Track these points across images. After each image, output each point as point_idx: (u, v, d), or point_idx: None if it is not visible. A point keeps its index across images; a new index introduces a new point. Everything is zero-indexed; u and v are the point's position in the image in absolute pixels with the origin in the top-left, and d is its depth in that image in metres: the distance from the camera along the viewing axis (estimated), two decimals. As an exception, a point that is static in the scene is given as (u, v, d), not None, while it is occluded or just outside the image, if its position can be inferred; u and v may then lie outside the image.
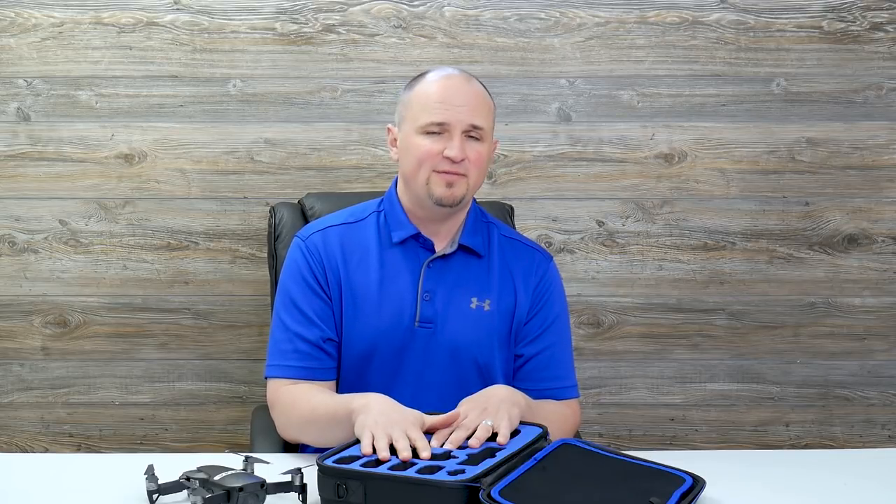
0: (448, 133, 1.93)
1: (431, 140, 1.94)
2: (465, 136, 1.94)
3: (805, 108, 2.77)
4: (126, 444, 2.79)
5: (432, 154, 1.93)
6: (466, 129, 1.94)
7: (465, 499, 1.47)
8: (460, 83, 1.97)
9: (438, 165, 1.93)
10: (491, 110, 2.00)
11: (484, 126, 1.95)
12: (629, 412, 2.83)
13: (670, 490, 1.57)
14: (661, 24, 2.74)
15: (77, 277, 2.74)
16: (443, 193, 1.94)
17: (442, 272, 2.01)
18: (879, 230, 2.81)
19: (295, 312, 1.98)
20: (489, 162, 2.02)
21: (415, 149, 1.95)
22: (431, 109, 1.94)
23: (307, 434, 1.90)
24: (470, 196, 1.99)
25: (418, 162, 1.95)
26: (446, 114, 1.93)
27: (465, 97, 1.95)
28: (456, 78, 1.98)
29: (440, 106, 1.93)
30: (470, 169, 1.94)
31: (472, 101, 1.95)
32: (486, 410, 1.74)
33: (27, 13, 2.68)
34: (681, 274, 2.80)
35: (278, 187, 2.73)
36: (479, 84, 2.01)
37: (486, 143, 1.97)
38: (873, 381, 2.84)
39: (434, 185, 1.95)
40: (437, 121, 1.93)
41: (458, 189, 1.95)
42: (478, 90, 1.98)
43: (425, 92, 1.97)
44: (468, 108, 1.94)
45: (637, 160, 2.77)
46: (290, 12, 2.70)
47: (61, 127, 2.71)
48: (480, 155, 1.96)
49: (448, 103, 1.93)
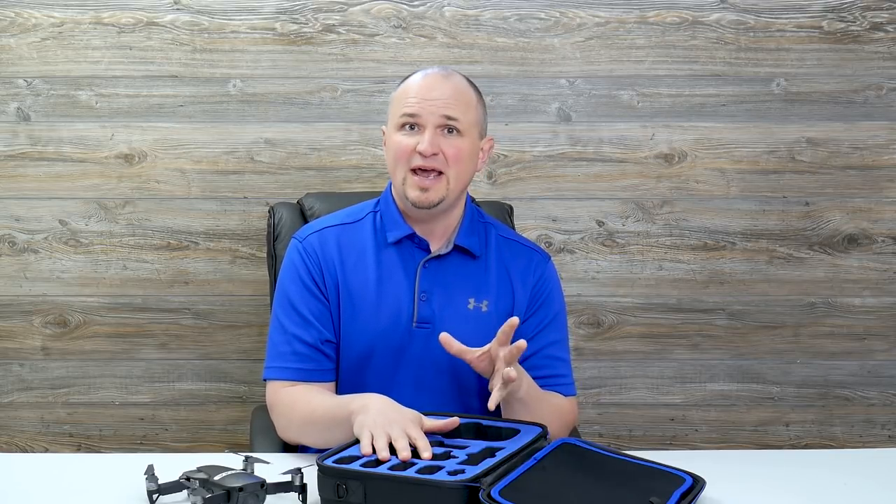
0: (421, 128, 1.92)
1: (406, 136, 1.93)
2: (440, 131, 1.92)
3: (805, 108, 2.77)
4: (126, 444, 2.79)
5: (406, 150, 1.92)
6: (440, 123, 1.92)
7: (465, 499, 1.47)
8: (437, 78, 1.96)
9: (412, 161, 1.92)
10: (472, 104, 1.97)
11: (460, 118, 1.93)
12: (629, 412, 2.83)
13: (670, 490, 1.57)
14: (661, 24, 2.74)
15: (77, 277, 2.74)
16: (416, 197, 1.93)
17: (438, 272, 2.00)
18: (879, 230, 2.81)
19: (293, 314, 1.98)
20: (475, 158, 1.99)
21: (392, 145, 1.95)
22: (405, 103, 1.94)
23: (307, 435, 1.90)
24: (452, 195, 1.96)
25: (395, 159, 1.95)
26: (417, 106, 1.92)
27: (441, 91, 1.93)
28: (434, 74, 1.97)
29: (414, 100, 1.93)
30: (448, 166, 1.92)
31: (446, 94, 1.93)
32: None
33: (27, 13, 2.68)
34: (681, 274, 2.80)
35: (278, 187, 2.73)
36: (462, 79, 1.99)
37: (467, 138, 1.95)
38: (873, 381, 2.84)
39: (409, 188, 1.94)
40: (409, 112, 1.92)
41: (433, 193, 1.93)
42: (456, 83, 1.97)
43: (403, 89, 1.97)
44: (442, 101, 1.92)
45: (637, 160, 2.77)
46: (290, 12, 2.70)
47: (61, 127, 2.71)
48: (459, 150, 1.93)
49: (421, 97, 1.93)
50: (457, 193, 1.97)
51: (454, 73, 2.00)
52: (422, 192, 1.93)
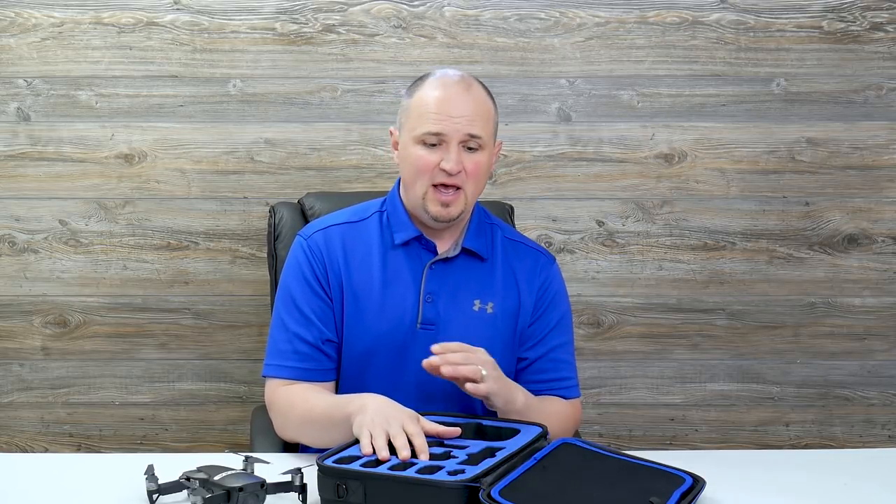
0: (445, 144, 1.91)
1: (428, 151, 1.92)
2: (462, 147, 1.92)
3: (805, 108, 2.77)
4: (126, 444, 2.79)
5: (429, 166, 1.92)
6: (464, 140, 1.91)
7: (465, 499, 1.47)
8: (459, 92, 1.93)
9: (435, 177, 1.92)
10: (491, 116, 1.97)
11: (482, 135, 1.93)
12: (629, 412, 2.83)
13: (670, 490, 1.57)
14: (661, 24, 2.74)
15: (77, 277, 2.74)
16: (438, 212, 1.94)
17: (444, 274, 2.00)
18: (879, 230, 2.81)
19: (295, 312, 1.98)
20: (490, 169, 2.00)
21: (413, 159, 1.94)
22: (428, 119, 1.91)
23: (305, 435, 1.91)
24: (470, 207, 1.98)
25: (416, 173, 1.94)
26: (443, 124, 1.90)
27: (464, 107, 1.92)
28: (455, 86, 1.94)
29: (437, 116, 1.91)
30: (467, 181, 1.93)
31: (470, 111, 1.92)
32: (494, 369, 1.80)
33: (27, 13, 2.68)
34: (681, 274, 2.80)
35: (278, 187, 2.73)
36: (481, 88, 1.97)
37: (486, 152, 1.95)
38: (873, 381, 2.84)
39: (430, 203, 1.94)
40: (433, 131, 1.91)
41: (455, 208, 1.94)
42: (477, 97, 1.95)
43: (424, 100, 1.94)
44: (466, 119, 1.91)
45: (637, 160, 2.77)
46: (290, 12, 2.70)
47: (61, 127, 2.71)
48: (479, 166, 1.94)
49: (445, 113, 1.91)
50: (473, 204, 1.99)
51: (472, 83, 1.97)
52: (443, 207, 1.93)
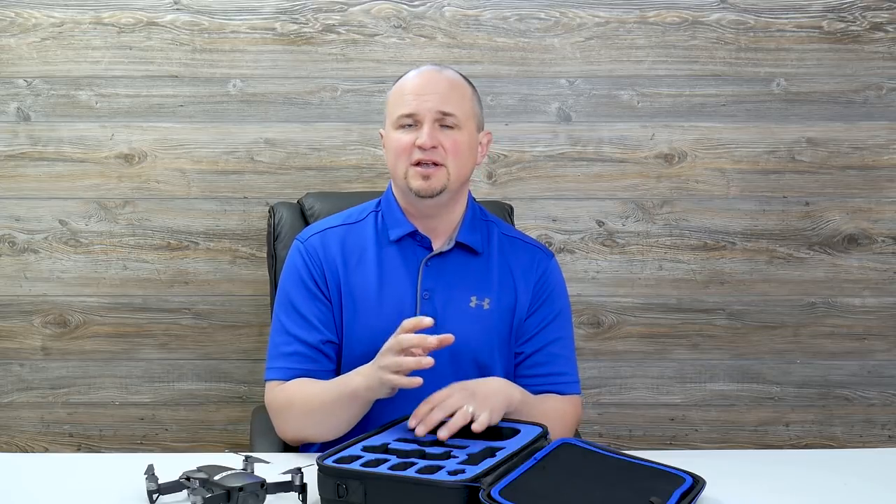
0: (420, 124, 1.95)
1: (405, 132, 1.96)
2: (437, 125, 1.95)
3: (805, 108, 2.77)
4: (126, 444, 2.78)
5: (406, 146, 1.95)
6: (437, 118, 1.95)
7: (465, 499, 1.47)
8: (430, 74, 2.00)
9: (413, 156, 1.95)
10: (466, 96, 2.00)
11: (455, 112, 1.96)
12: (629, 412, 2.83)
13: (670, 490, 1.57)
14: (661, 24, 2.74)
15: (77, 277, 2.74)
16: (420, 185, 1.95)
17: (440, 270, 2.01)
18: (879, 230, 2.81)
19: (294, 315, 1.99)
20: (473, 149, 2.01)
21: (392, 143, 1.98)
22: (402, 103, 1.97)
23: (308, 427, 1.91)
24: (453, 186, 1.98)
25: (395, 156, 1.97)
26: (414, 104, 1.95)
27: (434, 86, 1.97)
28: (427, 71, 2.01)
29: (409, 97, 1.96)
30: (448, 158, 1.95)
31: (440, 89, 1.97)
32: (472, 396, 1.76)
33: (27, 13, 2.68)
34: (681, 274, 2.80)
35: (278, 187, 2.73)
36: (455, 73, 2.02)
37: (464, 131, 1.98)
38: (873, 381, 2.84)
39: (411, 178, 1.96)
40: (406, 112, 1.96)
41: (436, 181, 1.95)
42: (449, 78, 2.00)
43: (399, 88, 2.00)
44: (437, 96, 1.96)
45: (637, 160, 2.77)
46: (290, 12, 2.70)
47: (61, 127, 2.71)
48: (457, 143, 1.96)
49: (416, 94, 1.96)
50: (457, 185, 1.99)
51: (446, 68, 2.04)
52: (424, 180, 1.95)
